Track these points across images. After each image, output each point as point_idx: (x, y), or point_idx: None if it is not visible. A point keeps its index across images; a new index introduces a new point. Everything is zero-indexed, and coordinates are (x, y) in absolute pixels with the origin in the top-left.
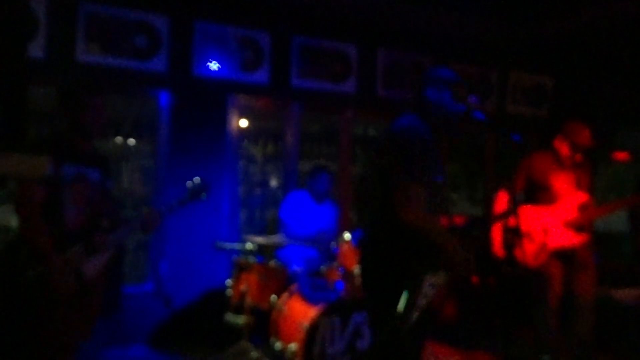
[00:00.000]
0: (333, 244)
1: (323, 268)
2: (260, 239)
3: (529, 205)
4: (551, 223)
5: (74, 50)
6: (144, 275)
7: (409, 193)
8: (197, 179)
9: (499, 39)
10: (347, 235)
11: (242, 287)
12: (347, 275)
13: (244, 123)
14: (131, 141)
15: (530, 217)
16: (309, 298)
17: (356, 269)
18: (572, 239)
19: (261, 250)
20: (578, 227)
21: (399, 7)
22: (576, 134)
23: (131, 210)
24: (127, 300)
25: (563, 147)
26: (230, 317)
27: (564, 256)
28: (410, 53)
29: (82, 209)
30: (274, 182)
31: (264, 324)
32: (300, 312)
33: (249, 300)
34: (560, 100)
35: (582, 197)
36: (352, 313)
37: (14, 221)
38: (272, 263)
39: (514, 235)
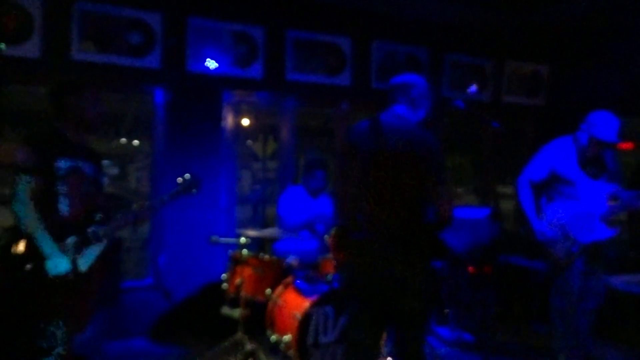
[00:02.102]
0: (327, 237)
1: (318, 260)
2: (253, 232)
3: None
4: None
5: (69, 48)
6: (146, 273)
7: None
8: (187, 176)
9: (494, 28)
10: None
11: (238, 280)
12: None
13: (245, 122)
14: (135, 142)
15: None
16: (304, 290)
17: None
18: (605, 233)
19: (257, 244)
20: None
21: None
22: (597, 125)
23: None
24: (128, 294)
25: (583, 137)
26: (226, 310)
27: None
28: (405, 45)
29: (77, 202)
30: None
31: (260, 316)
32: (294, 304)
33: (244, 293)
34: (557, 88)
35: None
36: (345, 303)
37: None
38: (267, 256)
39: None
